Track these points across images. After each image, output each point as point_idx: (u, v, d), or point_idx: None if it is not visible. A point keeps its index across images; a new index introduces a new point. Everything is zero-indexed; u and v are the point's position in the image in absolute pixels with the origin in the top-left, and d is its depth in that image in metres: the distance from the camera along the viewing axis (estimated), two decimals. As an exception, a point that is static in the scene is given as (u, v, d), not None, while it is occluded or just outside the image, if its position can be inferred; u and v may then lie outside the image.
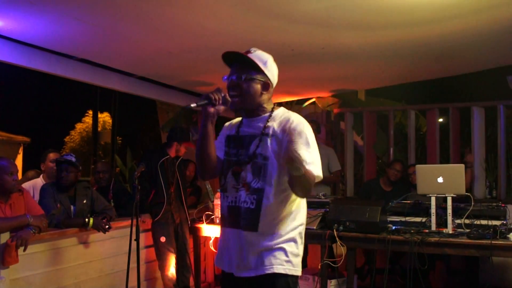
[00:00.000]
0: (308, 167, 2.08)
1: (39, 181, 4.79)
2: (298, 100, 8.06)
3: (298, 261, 2.28)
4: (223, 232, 2.39)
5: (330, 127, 7.36)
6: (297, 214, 2.29)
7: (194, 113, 7.33)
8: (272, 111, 2.33)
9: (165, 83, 6.10)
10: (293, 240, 2.27)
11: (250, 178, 2.25)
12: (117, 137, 13.42)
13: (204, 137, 2.26)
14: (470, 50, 5.05)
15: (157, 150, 5.16)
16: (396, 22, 4.13)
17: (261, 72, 2.29)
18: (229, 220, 2.32)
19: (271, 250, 2.21)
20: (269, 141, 2.24)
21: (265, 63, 2.30)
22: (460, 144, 6.77)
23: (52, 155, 4.82)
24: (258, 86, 2.29)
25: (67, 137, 22.31)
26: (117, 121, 11.36)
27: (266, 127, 2.28)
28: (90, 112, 19.66)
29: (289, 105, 8.12)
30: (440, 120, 7.32)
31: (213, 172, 2.36)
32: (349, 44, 4.70)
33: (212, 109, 2.22)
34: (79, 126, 22.21)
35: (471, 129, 6.29)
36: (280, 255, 2.22)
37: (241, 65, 2.29)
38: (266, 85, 2.31)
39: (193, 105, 2.19)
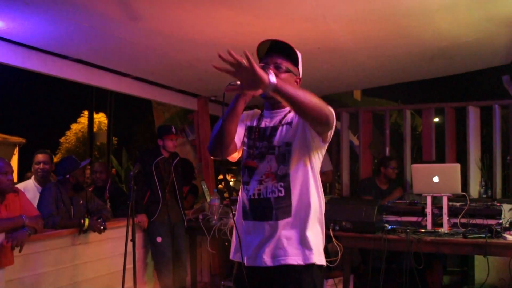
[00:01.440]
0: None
1: (30, 182, 4.77)
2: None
3: (322, 250, 2.28)
4: (245, 225, 2.30)
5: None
6: (322, 200, 2.28)
7: (189, 112, 7.31)
8: None
9: (161, 83, 6.09)
10: (321, 227, 2.27)
11: (275, 167, 2.22)
12: (113, 138, 13.38)
13: (231, 112, 2.15)
14: (466, 49, 5.06)
15: (151, 150, 5.16)
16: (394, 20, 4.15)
17: (297, 66, 2.33)
18: (255, 213, 2.26)
19: (303, 239, 2.19)
20: (290, 128, 2.25)
21: (300, 59, 2.34)
22: (455, 143, 6.78)
23: (40, 157, 4.79)
24: (292, 80, 2.30)
25: (63, 137, 22.26)
26: (112, 122, 11.31)
27: (285, 117, 2.30)
28: (86, 112, 19.59)
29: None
30: (436, 119, 7.33)
31: (225, 151, 2.25)
32: (344, 44, 4.70)
33: None
34: (74, 126, 22.15)
35: (466, 128, 6.31)
36: (312, 244, 2.20)
37: (281, 55, 2.28)
38: (298, 80, 2.34)
39: (238, 82, 1.99)
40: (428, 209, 4.35)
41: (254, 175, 2.27)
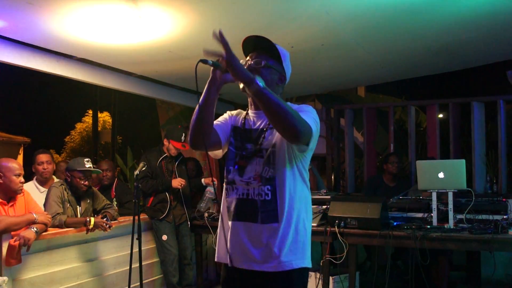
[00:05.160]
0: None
1: (31, 184, 4.75)
2: (298, 97, 8.06)
3: (309, 250, 2.24)
4: (231, 226, 2.24)
5: (330, 124, 7.35)
6: (308, 203, 2.24)
7: (194, 110, 7.31)
8: None
9: (165, 81, 6.09)
10: (306, 229, 2.22)
11: (261, 169, 2.18)
12: (118, 137, 13.43)
13: (204, 98, 2.12)
14: (470, 45, 5.05)
15: (156, 149, 5.16)
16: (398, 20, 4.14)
17: (280, 63, 2.27)
18: (240, 214, 2.21)
19: (290, 243, 2.16)
20: (274, 130, 2.17)
21: (284, 56, 2.28)
22: (460, 139, 6.77)
23: (42, 157, 4.76)
24: (275, 76, 2.25)
25: (67, 137, 22.25)
26: (117, 121, 11.37)
27: None
28: (90, 111, 19.62)
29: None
30: (440, 115, 7.32)
31: (205, 140, 2.16)
32: (348, 40, 4.70)
33: (218, 74, 2.08)
34: (79, 126, 22.14)
35: (471, 124, 6.29)
36: (298, 248, 2.18)
37: (262, 51, 2.25)
38: (282, 78, 2.28)
39: (210, 61, 2.05)
40: (434, 205, 4.34)
41: (242, 176, 2.22)
